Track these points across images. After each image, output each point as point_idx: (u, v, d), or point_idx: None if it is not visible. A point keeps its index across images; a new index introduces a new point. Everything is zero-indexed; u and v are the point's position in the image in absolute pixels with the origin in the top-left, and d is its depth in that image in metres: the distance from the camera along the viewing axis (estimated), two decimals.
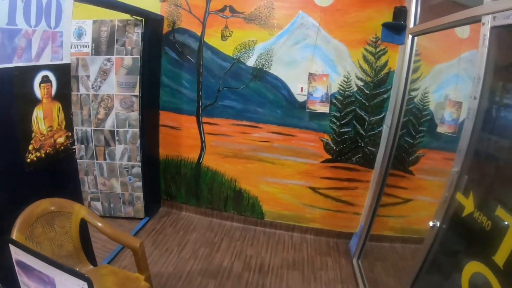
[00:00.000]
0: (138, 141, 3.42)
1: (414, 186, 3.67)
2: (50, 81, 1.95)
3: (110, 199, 3.61)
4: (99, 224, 2.07)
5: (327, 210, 3.75)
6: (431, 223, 2.06)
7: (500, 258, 1.45)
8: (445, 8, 2.87)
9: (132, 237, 2.14)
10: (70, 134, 2.19)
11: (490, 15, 1.80)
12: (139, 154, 3.45)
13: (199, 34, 3.38)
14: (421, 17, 3.01)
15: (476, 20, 1.97)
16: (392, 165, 3.25)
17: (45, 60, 1.88)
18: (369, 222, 3.35)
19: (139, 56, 3.20)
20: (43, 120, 1.94)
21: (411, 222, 3.78)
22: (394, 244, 3.76)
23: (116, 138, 3.42)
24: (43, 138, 1.96)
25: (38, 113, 1.89)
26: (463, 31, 3.13)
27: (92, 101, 3.31)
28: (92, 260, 2.36)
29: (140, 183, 3.54)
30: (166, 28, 3.46)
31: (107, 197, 3.61)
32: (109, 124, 3.36)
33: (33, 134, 1.87)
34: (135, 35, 3.17)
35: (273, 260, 3.35)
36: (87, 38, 3.21)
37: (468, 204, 1.85)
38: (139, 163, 3.48)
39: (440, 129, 3.46)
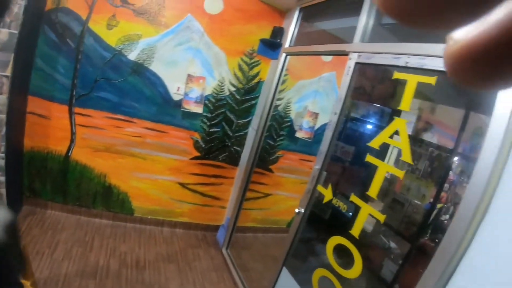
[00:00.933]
0: (4, 130, 3.20)
1: (273, 183, 4.66)
2: None
3: None
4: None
5: (195, 205, 4.44)
6: (296, 210, 2.80)
7: (355, 231, 2.21)
8: (317, 35, 3.83)
9: None
10: None
11: (356, 53, 2.54)
12: (3, 144, 3.26)
13: (84, 17, 3.56)
14: (296, 39, 3.90)
15: (344, 53, 2.71)
16: (255, 164, 4.07)
17: None
18: (236, 215, 4.10)
19: (17, 32, 3.04)
20: None
21: (270, 214, 4.78)
22: (257, 234, 4.74)
23: None
24: None
25: None
26: (327, 56, 4.29)
27: None
28: None
29: (2, 178, 3.32)
30: (49, 5, 3.47)
31: None
32: None
33: None
34: (17, 7, 3.03)
35: (147, 255, 3.78)
36: None
37: (327, 194, 2.61)
38: (3, 155, 3.29)
39: (299, 135, 4.56)
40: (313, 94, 4.74)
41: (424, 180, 2.61)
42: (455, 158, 2.59)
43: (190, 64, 4.03)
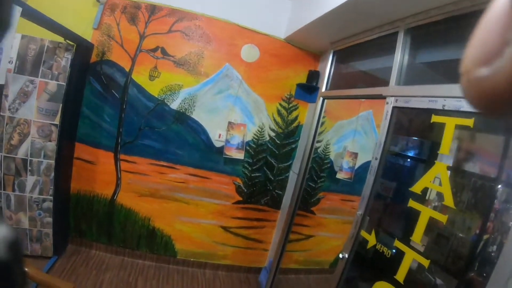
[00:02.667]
0: (53, 174, 2.83)
1: (315, 224, 3.68)
2: None
3: None
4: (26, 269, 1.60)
5: (238, 248, 3.53)
6: (340, 255, 2.29)
7: (400, 276, 1.83)
8: (353, 77, 3.05)
9: (64, 281, 1.78)
10: None
11: (393, 97, 2.10)
12: (52, 187, 2.84)
13: (127, 69, 3.03)
14: (332, 82, 3.17)
15: (381, 97, 2.24)
16: (298, 206, 3.28)
17: None
18: (278, 257, 3.27)
19: (65, 83, 2.73)
20: None
21: (313, 255, 3.78)
22: (299, 275, 3.76)
23: (29, 168, 2.79)
24: None
25: None
26: None
27: (6, 124, 2.69)
28: None
29: (50, 219, 2.90)
30: (94, 58, 3.02)
31: None
32: (22, 152, 2.76)
33: None
34: (64, 60, 2.71)
35: None
36: (12, 53, 2.61)
37: (371, 239, 2.17)
38: (51, 197, 2.86)
39: (339, 176, 3.62)
40: (352, 133, 3.77)
41: (469, 212, 1.99)
42: (499, 186, 1.94)
43: (231, 111, 3.24)
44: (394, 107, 2.11)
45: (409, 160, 2.88)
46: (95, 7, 3.03)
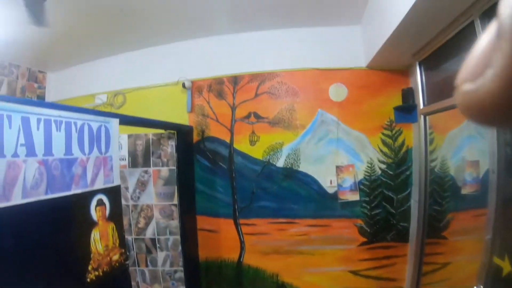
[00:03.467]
0: (180, 247, 3.09)
1: (450, 249, 3.30)
2: (104, 204, 1.83)
3: None
4: None
5: None
6: None
7: None
8: (449, 85, 2.87)
9: None
10: (123, 250, 2.01)
11: None
12: (181, 259, 3.09)
13: (228, 141, 3.19)
14: (428, 94, 2.92)
15: None
16: (426, 235, 3.00)
17: (99, 184, 1.78)
18: None
19: (175, 167, 3.02)
20: (100, 240, 1.80)
21: (452, 284, 3.60)
22: None
23: (158, 245, 3.12)
24: (100, 257, 1.80)
25: (95, 234, 1.76)
26: None
27: (132, 211, 3.08)
28: None
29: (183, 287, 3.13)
30: (196, 137, 3.24)
31: None
32: (149, 232, 3.10)
33: (91, 255, 1.72)
34: (170, 147, 3.02)
35: None
36: (124, 152, 3.06)
37: (506, 265, 1.86)
38: (182, 268, 3.11)
39: (465, 190, 3.34)
40: (467, 140, 3.30)
41: None
42: None
43: (336, 156, 3.14)
44: None
45: None
46: (184, 93, 3.27)
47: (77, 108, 1.69)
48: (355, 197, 3.11)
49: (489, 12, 1.87)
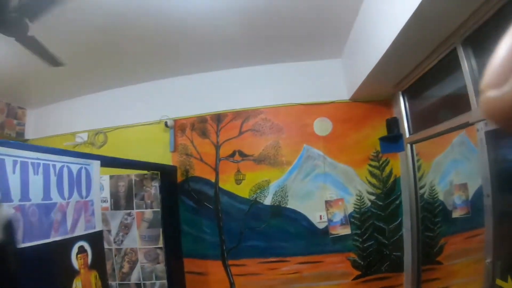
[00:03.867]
0: None
1: (446, 274, 3.30)
2: (86, 251, 1.70)
3: None
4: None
5: None
6: None
7: None
8: (433, 112, 2.77)
9: None
10: None
11: (482, 122, 1.84)
12: None
13: (213, 180, 3.09)
14: (413, 122, 2.94)
15: (468, 125, 2.03)
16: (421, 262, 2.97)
17: (79, 230, 1.65)
18: None
19: (159, 209, 2.86)
20: None
21: None
22: None
23: None
24: None
25: (77, 284, 1.61)
26: None
27: (115, 255, 2.89)
28: None
29: None
30: (180, 177, 3.13)
31: None
32: (134, 277, 2.89)
33: None
34: (153, 188, 2.87)
35: None
36: (105, 193, 2.90)
37: (510, 286, 1.80)
38: None
39: (455, 214, 3.32)
40: (453, 165, 3.28)
41: None
42: None
43: (324, 190, 3.07)
44: (486, 132, 1.85)
45: None
46: (167, 132, 3.18)
47: (56, 149, 1.60)
48: (347, 231, 3.04)
49: (471, 37, 1.87)
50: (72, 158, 1.68)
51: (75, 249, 1.63)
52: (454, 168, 3.32)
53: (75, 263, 1.63)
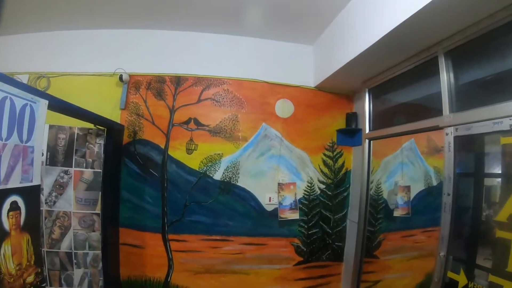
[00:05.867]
0: (100, 264, 2.54)
1: (381, 268, 3.36)
2: (19, 208, 1.38)
3: None
4: None
5: None
6: None
7: None
8: (397, 112, 2.79)
9: None
10: (39, 270, 1.55)
11: (452, 127, 1.88)
12: (101, 278, 2.54)
13: (162, 146, 2.81)
14: (374, 121, 2.93)
15: (437, 129, 2.02)
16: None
17: (14, 182, 1.33)
18: None
19: (101, 170, 2.49)
20: (12, 257, 1.34)
21: None
22: None
23: (74, 261, 2.52)
24: (12, 279, 1.35)
25: (6, 249, 1.30)
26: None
27: (45, 219, 2.45)
28: None
29: None
30: (126, 139, 2.81)
31: None
32: (65, 245, 2.49)
33: (1, 276, 1.26)
34: (97, 146, 2.49)
35: None
36: (42, 145, 2.53)
37: (461, 279, 1.90)
38: None
39: (396, 213, 3.37)
40: (400, 167, 3.31)
41: None
42: None
43: (277, 172, 2.93)
44: (456, 137, 1.89)
45: (485, 188, 2.49)
46: (119, 87, 2.85)
47: (2, 74, 1.25)
48: (295, 215, 2.94)
49: (455, 50, 1.93)
50: (18, 90, 1.34)
51: (6, 205, 1.32)
52: (400, 171, 3.36)
53: (5, 222, 1.32)
